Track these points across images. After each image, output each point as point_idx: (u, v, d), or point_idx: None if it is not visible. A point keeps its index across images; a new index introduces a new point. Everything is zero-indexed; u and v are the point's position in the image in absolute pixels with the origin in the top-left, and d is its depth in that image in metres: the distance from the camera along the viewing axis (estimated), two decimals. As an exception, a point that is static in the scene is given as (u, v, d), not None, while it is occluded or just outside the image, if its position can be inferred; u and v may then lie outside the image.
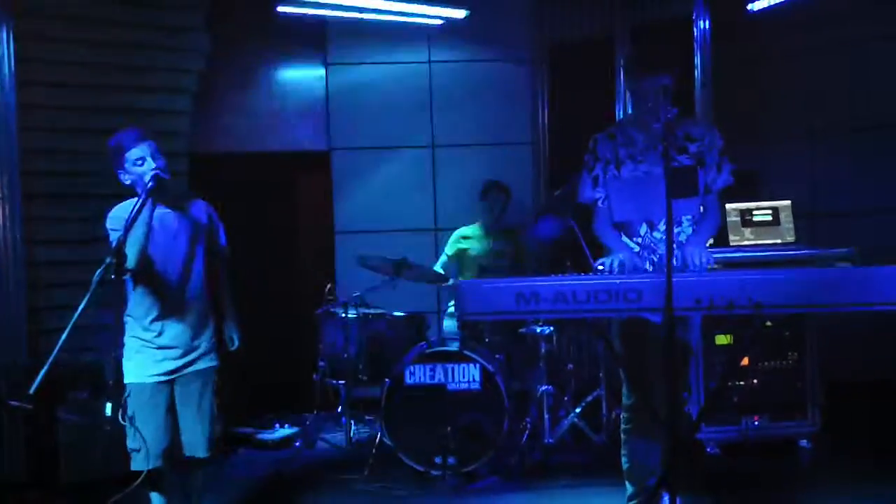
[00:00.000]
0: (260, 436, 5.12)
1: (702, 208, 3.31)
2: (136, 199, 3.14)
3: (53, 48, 4.69)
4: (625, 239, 3.33)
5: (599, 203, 3.37)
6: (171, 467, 3.30)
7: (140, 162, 3.17)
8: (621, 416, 3.46)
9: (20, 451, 4.33)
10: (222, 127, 5.95)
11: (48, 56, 4.67)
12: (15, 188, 4.42)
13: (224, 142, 5.95)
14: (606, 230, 3.36)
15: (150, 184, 3.08)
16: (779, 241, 4.57)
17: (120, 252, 2.80)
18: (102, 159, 4.73)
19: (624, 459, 3.44)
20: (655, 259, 3.27)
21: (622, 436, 3.45)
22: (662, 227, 3.25)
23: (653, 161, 3.24)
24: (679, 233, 3.28)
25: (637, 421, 3.37)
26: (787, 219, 4.59)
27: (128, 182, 3.24)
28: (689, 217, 3.30)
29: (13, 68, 4.40)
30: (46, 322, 4.54)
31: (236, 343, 3.60)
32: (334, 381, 4.88)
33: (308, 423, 5.18)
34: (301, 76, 6.18)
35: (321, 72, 6.15)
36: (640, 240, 3.31)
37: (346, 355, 4.69)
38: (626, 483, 3.45)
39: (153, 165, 3.15)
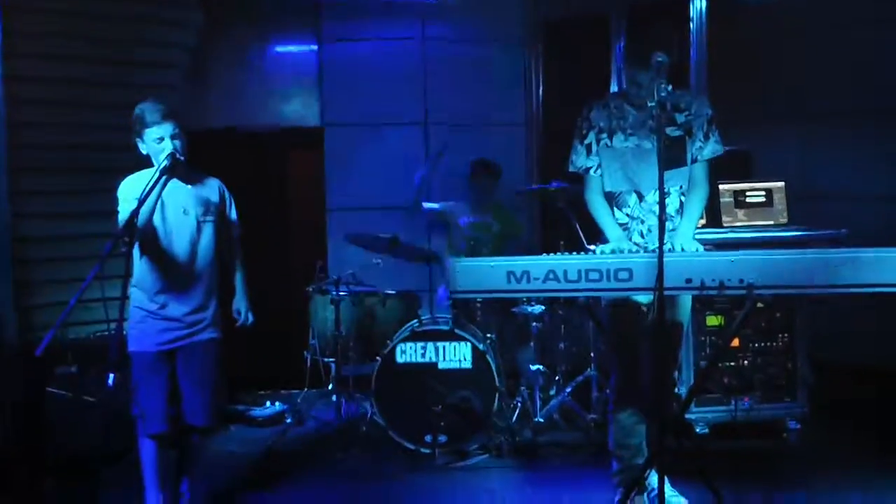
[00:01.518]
0: (251, 412, 5.12)
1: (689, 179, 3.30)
2: (148, 170, 3.21)
3: (41, 20, 4.62)
4: (615, 210, 3.33)
5: (592, 172, 3.35)
6: (172, 433, 3.38)
7: (159, 141, 3.22)
8: (608, 395, 3.48)
9: (8, 428, 4.33)
10: (213, 102, 5.91)
11: (36, 28, 4.60)
12: (1, 161, 4.37)
13: (216, 117, 5.90)
14: (598, 200, 3.35)
15: (165, 162, 3.13)
16: (772, 222, 4.56)
17: (132, 225, 2.87)
18: (90, 132, 4.73)
19: (610, 438, 3.47)
20: (645, 230, 3.27)
21: (609, 416, 3.47)
22: (651, 198, 3.27)
23: (643, 136, 3.26)
24: (667, 204, 3.27)
25: (624, 400, 3.39)
26: (780, 200, 4.58)
27: (144, 153, 3.29)
28: (676, 187, 3.30)
29: (0, 40, 4.34)
30: (34, 298, 4.51)
31: (243, 316, 3.66)
32: (325, 359, 4.88)
33: (299, 400, 5.19)
34: (294, 52, 6.13)
35: (314, 47, 6.10)
36: (629, 210, 3.32)
37: (337, 333, 4.68)
38: (612, 460, 3.49)
39: (171, 148, 3.20)
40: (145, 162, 3.30)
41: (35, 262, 4.57)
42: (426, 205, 5.26)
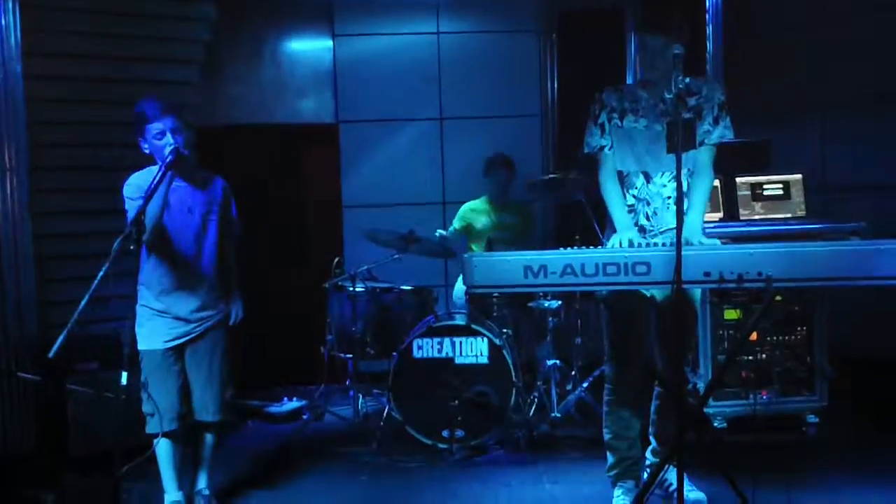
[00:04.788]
0: (269, 409, 5.15)
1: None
2: (153, 167, 3.22)
3: (59, 18, 4.64)
4: (623, 192, 3.32)
5: (606, 150, 3.35)
6: (184, 430, 3.41)
7: (160, 136, 3.23)
8: (605, 388, 3.46)
9: (30, 423, 4.38)
10: (228, 98, 5.94)
11: (54, 26, 4.62)
12: (22, 160, 4.40)
13: (230, 113, 5.94)
14: (611, 183, 3.33)
15: (170, 157, 3.12)
16: (789, 214, 4.53)
17: (140, 222, 2.85)
18: (109, 130, 4.76)
19: (606, 431, 3.46)
20: (650, 212, 3.28)
21: (605, 407, 3.46)
22: (658, 179, 3.29)
23: (653, 118, 3.26)
24: (672, 185, 3.26)
25: (619, 393, 3.38)
26: (797, 193, 4.55)
27: (147, 151, 3.30)
28: (683, 170, 3.26)
29: (19, 38, 4.37)
30: (55, 294, 4.54)
31: (234, 318, 3.62)
32: (342, 355, 4.90)
33: (316, 396, 5.21)
34: (308, 47, 6.14)
35: (329, 43, 6.11)
36: (636, 192, 3.32)
37: (354, 329, 4.70)
38: (608, 454, 3.48)
39: (172, 141, 3.20)
40: (152, 161, 3.31)
41: (56, 258, 4.60)
42: (440, 233, 5.35)
